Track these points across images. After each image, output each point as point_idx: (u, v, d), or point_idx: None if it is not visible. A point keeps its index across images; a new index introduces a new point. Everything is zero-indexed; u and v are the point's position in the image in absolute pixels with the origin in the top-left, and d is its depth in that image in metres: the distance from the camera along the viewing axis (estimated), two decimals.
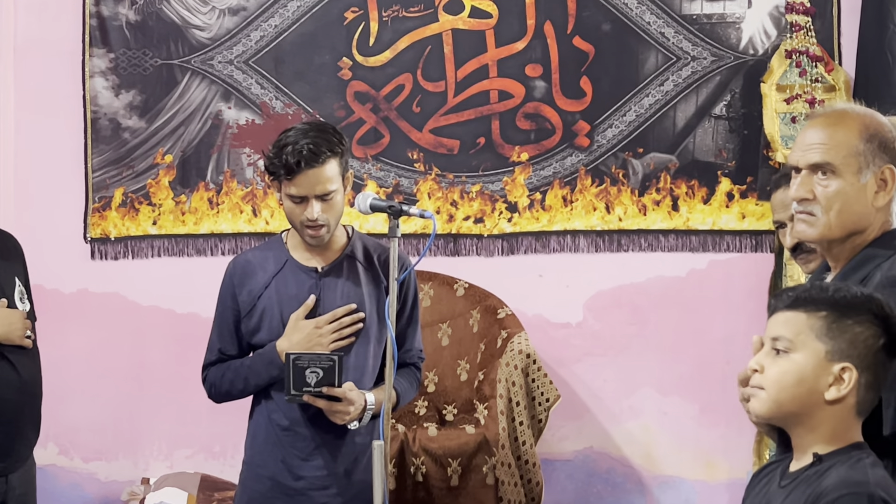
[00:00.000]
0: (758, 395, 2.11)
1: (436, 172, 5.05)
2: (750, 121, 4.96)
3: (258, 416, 3.28)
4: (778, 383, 2.07)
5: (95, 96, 5.04)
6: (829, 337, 2.04)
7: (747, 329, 4.96)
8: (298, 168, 3.05)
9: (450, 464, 4.31)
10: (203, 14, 5.04)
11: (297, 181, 3.08)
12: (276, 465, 3.21)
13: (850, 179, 2.35)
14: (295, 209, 3.13)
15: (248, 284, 3.24)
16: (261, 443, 3.25)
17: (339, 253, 3.25)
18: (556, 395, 4.58)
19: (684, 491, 5.06)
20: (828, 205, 2.37)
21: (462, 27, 5.01)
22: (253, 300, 3.23)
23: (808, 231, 2.41)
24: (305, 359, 3.05)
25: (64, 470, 5.08)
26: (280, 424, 3.21)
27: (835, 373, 2.04)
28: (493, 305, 4.80)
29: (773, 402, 2.08)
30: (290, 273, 3.23)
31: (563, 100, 5.01)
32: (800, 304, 2.08)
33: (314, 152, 3.06)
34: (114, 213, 5.06)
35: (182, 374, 5.04)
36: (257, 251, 3.34)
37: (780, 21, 4.92)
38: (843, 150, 2.36)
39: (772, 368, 2.08)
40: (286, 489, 3.20)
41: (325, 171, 3.08)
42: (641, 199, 5.03)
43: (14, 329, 3.48)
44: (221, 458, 5.06)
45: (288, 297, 3.20)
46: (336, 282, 3.22)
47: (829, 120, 2.41)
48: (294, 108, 5.03)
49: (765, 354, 2.11)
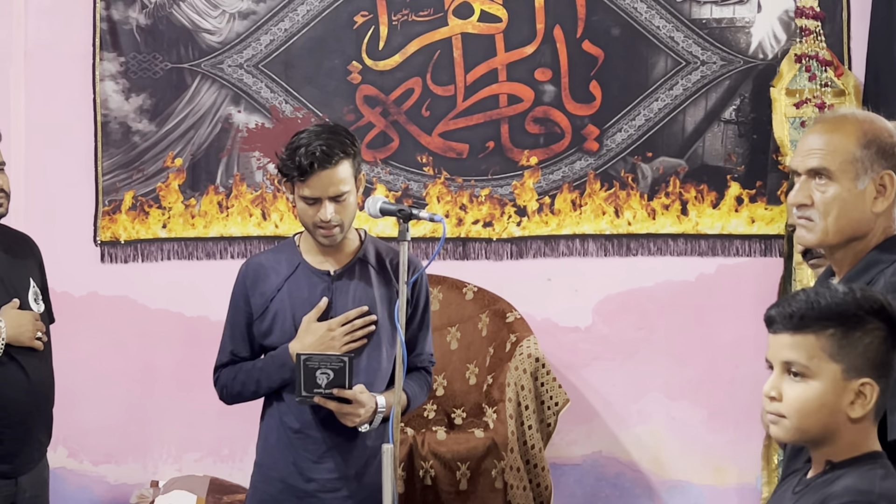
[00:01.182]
0: (780, 424, 2.05)
1: (445, 176, 5.06)
2: (759, 125, 4.95)
3: (269, 418, 3.28)
4: (800, 411, 2.02)
5: (106, 100, 5.05)
6: (841, 355, 2.00)
7: (756, 334, 4.92)
8: (311, 170, 3.06)
9: (459, 467, 4.31)
10: (213, 18, 5.05)
11: (310, 183, 3.08)
12: (287, 468, 3.21)
13: (848, 185, 2.36)
14: (308, 210, 3.13)
15: (261, 287, 3.25)
16: (272, 445, 3.25)
17: (352, 256, 3.26)
18: (565, 399, 4.57)
19: (693, 495, 5.05)
20: (825, 210, 2.37)
21: (471, 31, 5.01)
22: (265, 303, 3.24)
23: (807, 236, 2.42)
24: (316, 360, 3.06)
25: (73, 473, 5.09)
26: (291, 427, 3.21)
27: (855, 390, 2.00)
28: (502, 309, 4.80)
29: (797, 430, 2.03)
30: (302, 276, 3.23)
31: (572, 104, 5.01)
32: (806, 324, 2.02)
33: (327, 154, 3.06)
34: (124, 217, 5.08)
35: (191, 377, 5.05)
36: (270, 254, 3.35)
37: (790, 25, 4.92)
38: (839, 155, 2.36)
39: (790, 395, 2.03)
40: (297, 491, 3.20)
41: (338, 173, 3.09)
42: (650, 204, 5.03)
43: (24, 331, 3.49)
44: (230, 461, 5.06)
45: (300, 299, 3.21)
46: (348, 285, 3.22)
47: (828, 126, 2.42)
48: (304, 111, 5.04)
49: (779, 378, 2.05)
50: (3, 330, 3.44)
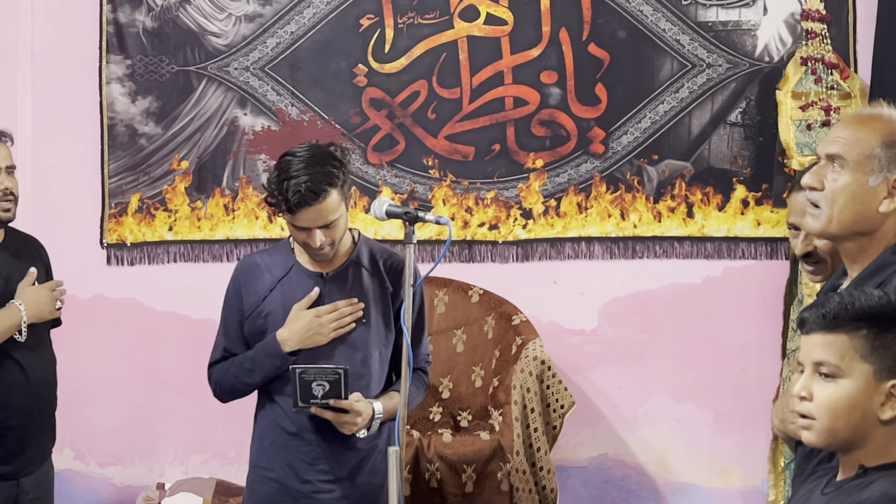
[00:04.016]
0: (812, 427, 2.04)
1: (451, 179, 5.06)
2: (765, 128, 4.95)
3: (262, 419, 3.31)
4: (831, 412, 2.01)
5: (112, 103, 5.06)
6: (874, 356, 1.99)
7: (762, 336, 4.96)
8: (298, 207, 3.06)
9: (464, 470, 4.31)
10: (219, 21, 5.06)
11: (298, 217, 3.09)
12: (282, 469, 3.24)
13: (860, 178, 2.38)
14: (298, 234, 3.15)
15: (254, 286, 3.27)
16: (266, 446, 3.28)
17: (345, 258, 3.27)
18: (571, 402, 4.57)
19: (699, 498, 5.05)
20: (833, 198, 2.39)
21: (477, 34, 5.01)
22: (258, 302, 3.26)
23: (813, 224, 2.44)
24: (311, 372, 3.07)
25: (80, 475, 5.10)
26: (287, 430, 3.24)
27: (886, 391, 2.00)
28: (508, 312, 4.80)
29: (828, 431, 2.03)
30: (295, 278, 3.25)
31: (578, 106, 5.02)
32: (839, 324, 2.02)
33: (314, 191, 3.04)
34: (130, 219, 5.09)
35: (197, 379, 5.02)
36: (265, 254, 3.36)
37: (796, 28, 4.91)
38: (859, 147, 2.38)
39: (821, 396, 2.02)
40: (292, 492, 3.23)
41: (327, 206, 3.08)
42: (656, 206, 5.02)
43: (44, 308, 3.54)
44: (236, 463, 5.07)
45: (293, 301, 3.22)
46: (341, 287, 3.24)
47: (858, 119, 2.46)
48: (310, 114, 5.04)
49: (809, 378, 2.04)
50: (23, 312, 3.46)
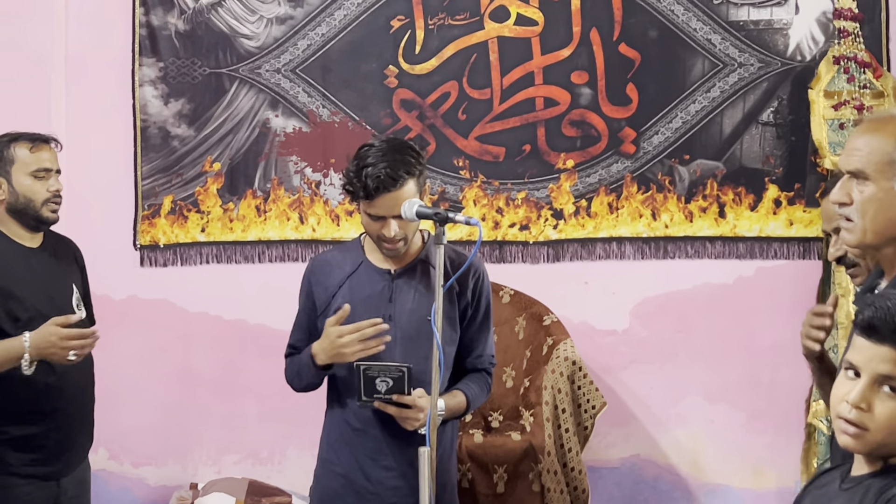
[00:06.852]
0: (861, 437, 1.97)
1: (481, 179, 5.06)
2: (797, 127, 4.93)
3: (331, 415, 3.37)
4: (890, 429, 1.95)
5: (145, 105, 5.09)
6: None
7: (795, 336, 4.89)
8: (377, 193, 3.10)
9: (496, 470, 4.31)
10: (251, 23, 5.08)
11: (375, 204, 3.13)
12: (350, 464, 3.29)
13: (884, 186, 2.37)
14: (373, 224, 3.18)
15: (324, 282, 3.32)
16: (334, 441, 3.33)
17: (414, 257, 3.31)
18: (603, 403, 4.57)
19: (732, 499, 5.03)
20: (863, 210, 2.38)
21: (508, 35, 5.01)
22: (328, 298, 3.30)
23: (848, 237, 2.43)
24: (375, 369, 3.12)
25: (114, 475, 5.13)
26: (353, 426, 3.28)
27: None
28: (539, 312, 4.80)
29: (879, 444, 1.97)
30: (364, 274, 3.29)
31: (608, 107, 5.01)
32: None
33: (392, 177, 3.09)
34: (163, 221, 5.12)
35: (230, 380, 5.08)
36: (336, 252, 3.42)
37: (828, 27, 4.88)
38: (876, 156, 2.37)
39: (882, 412, 1.95)
40: (358, 487, 3.28)
41: (403, 194, 3.12)
42: (688, 206, 5.01)
43: (50, 353, 3.38)
44: (269, 463, 5.09)
45: (362, 297, 3.26)
46: (409, 284, 3.27)
47: (871, 126, 2.44)
48: (341, 115, 5.06)
49: (869, 389, 1.96)
50: (27, 347, 3.35)
